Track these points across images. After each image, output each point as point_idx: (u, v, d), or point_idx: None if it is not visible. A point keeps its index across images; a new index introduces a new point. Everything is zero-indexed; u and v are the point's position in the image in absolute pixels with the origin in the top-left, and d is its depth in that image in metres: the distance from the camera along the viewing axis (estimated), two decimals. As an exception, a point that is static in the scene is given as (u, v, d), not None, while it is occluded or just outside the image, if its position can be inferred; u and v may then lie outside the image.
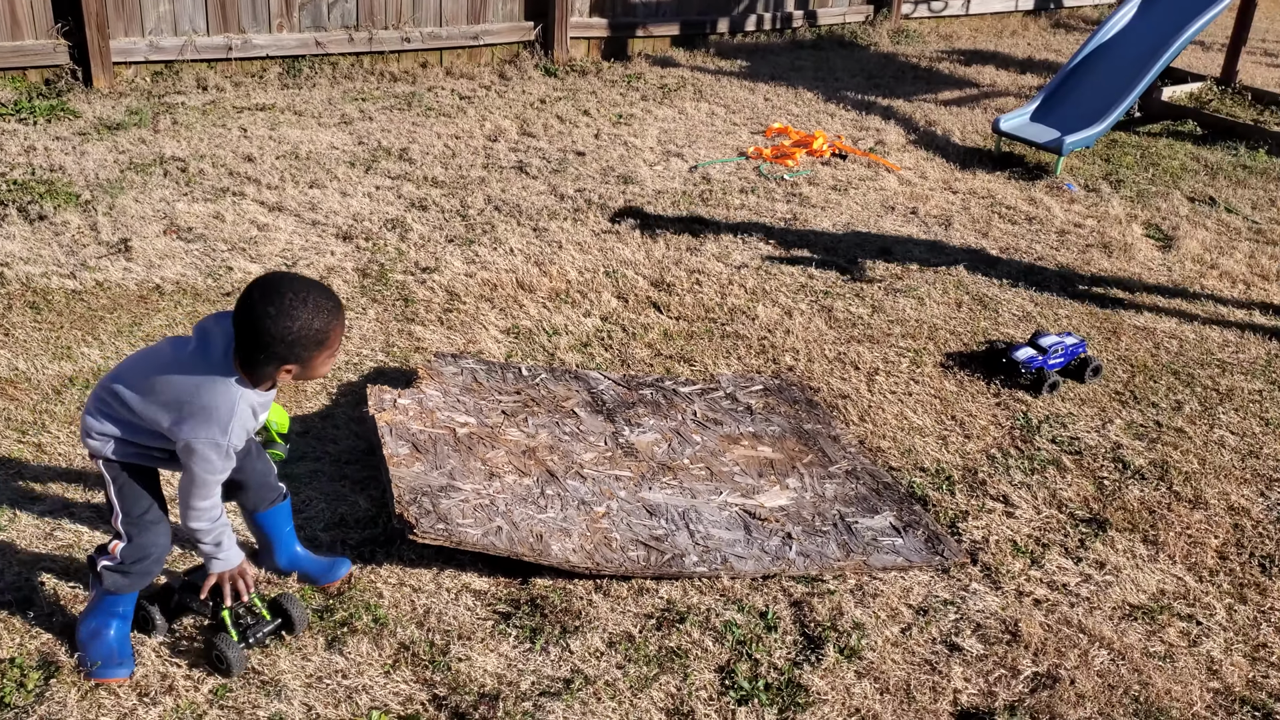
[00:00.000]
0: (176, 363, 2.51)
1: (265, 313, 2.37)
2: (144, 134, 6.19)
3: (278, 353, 2.41)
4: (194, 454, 2.45)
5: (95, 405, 2.60)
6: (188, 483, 2.51)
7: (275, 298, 2.38)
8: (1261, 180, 6.87)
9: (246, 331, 2.40)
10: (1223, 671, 3.01)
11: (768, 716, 2.72)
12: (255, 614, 2.70)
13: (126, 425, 2.56)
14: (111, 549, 2.63)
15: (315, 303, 2.41)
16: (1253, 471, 3.94)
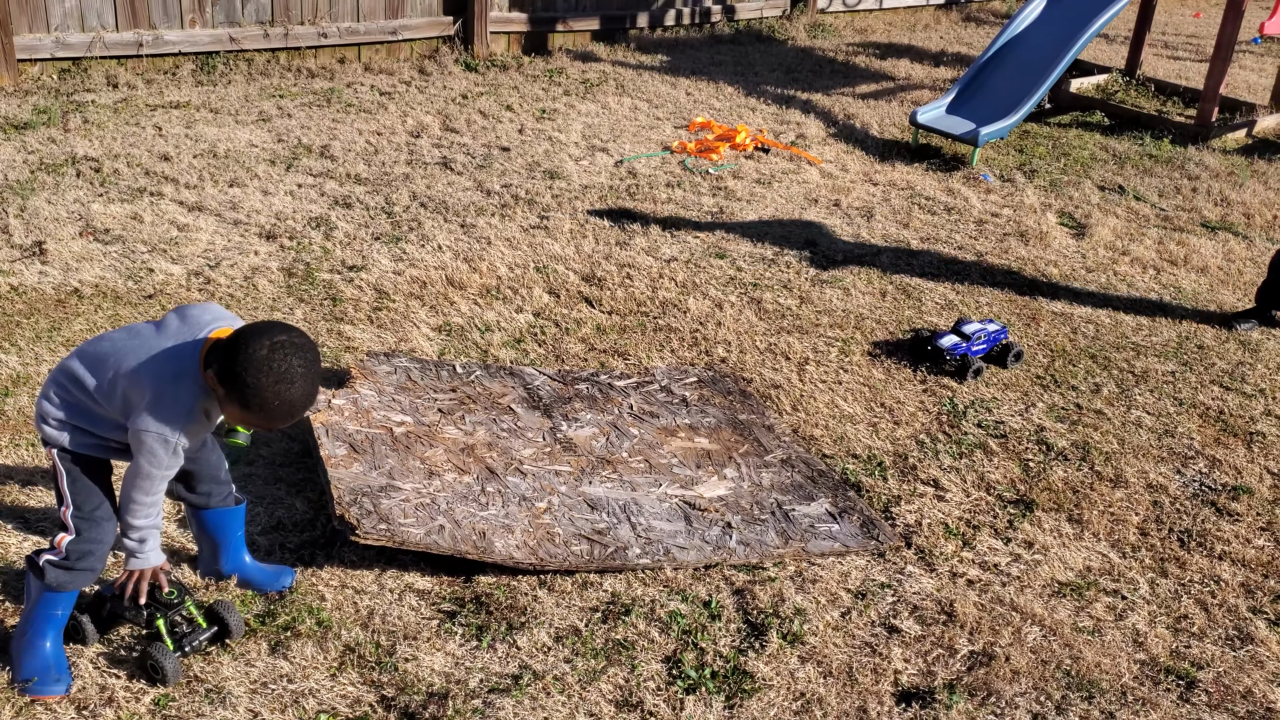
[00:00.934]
0: (144, 348, 2.46)
1: (258, 376, 2.32)
2: (53, 133, 6.01)
3: (251, 405, 2.36)
4: (142, 445, 2.41)
5: (52, 389, 2.54)
6: (133, 474, 2.47)
7: (274, 366, 2.32)
8: (1167, 169, 7.11)
9: (231, 371, 2.34)
10: (1148, 643, 3.12)
11: (715, 704, 2.76)
12: (191, 621, 2.66)
13: (83, 412, 2.51)
14: (57, 543, 2.57)
15: (305, 390, 2.37)
16: (1168, 450, 4.08)
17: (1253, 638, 3.17)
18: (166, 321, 2.52)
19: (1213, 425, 4.27)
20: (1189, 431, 4.21)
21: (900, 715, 2.78)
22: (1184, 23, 12.31)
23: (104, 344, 2.54)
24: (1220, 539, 3.60)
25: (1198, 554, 3.52)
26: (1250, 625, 3.22)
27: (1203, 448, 4.11)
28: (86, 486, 2.58)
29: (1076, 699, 2.88)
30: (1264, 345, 4.94)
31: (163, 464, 2.45)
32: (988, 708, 2.83)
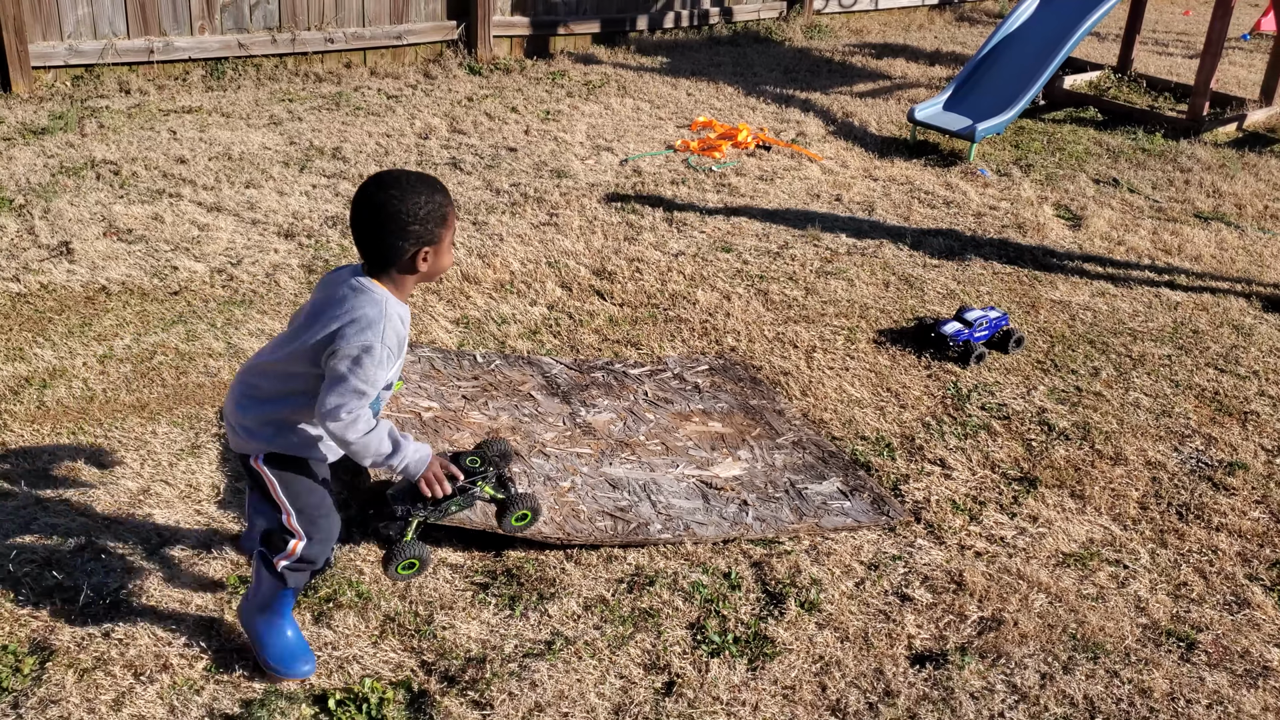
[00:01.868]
0: (308, 314, 2.46)
1: (392, 196, 2.35)
2: (71, 138, 6.14)
3: (414, 233, 2.36)
4: (351, 363, 2.35)
5: (239, 397, 2.53)
6: (342, 418, 2.39)
7: (394, 183, 2.37)
8: (1159, 162, 7.27)
9: (378, 224, 2.35)
10: (1149, 608, 3.26)
11: (739, 666, 2.89)
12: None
13: (274, 402, 2.48)
14: (290, 550, 2.57)
15: (428, 181, 2.41)
16: (1166, 429, 4.22)
17: (1249, 602, 3.31)
18: (315, 291, 2.54)
19: (1208, 405, 4.41)
20: (1185, 411, 4.35)
21: (915, 675, 2.92)
22: (1174, 20, 12.48)
23: (272, 341, 2.58)
24: (1217, 511, 3.74)
25: (1196, 526, 3.66)
26: (1247, 591, 3.36)
27: (1199, 426, 4.25)
28: (303, 485, 2.55)
29: (1082, 659, 3.02)
30: (1257, 329, 5.09)
31: (370, 378, 2.36)
32: (998, 668, 2.96)
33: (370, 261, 2.46)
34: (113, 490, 3.31)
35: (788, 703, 2.80)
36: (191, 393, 3.88)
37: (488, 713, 2.66)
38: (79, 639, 2.75)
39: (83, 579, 2.94)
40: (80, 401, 3.77)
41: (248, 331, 4.33)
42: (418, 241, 2.41)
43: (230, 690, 2.66)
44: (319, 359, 2.42)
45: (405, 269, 2.45)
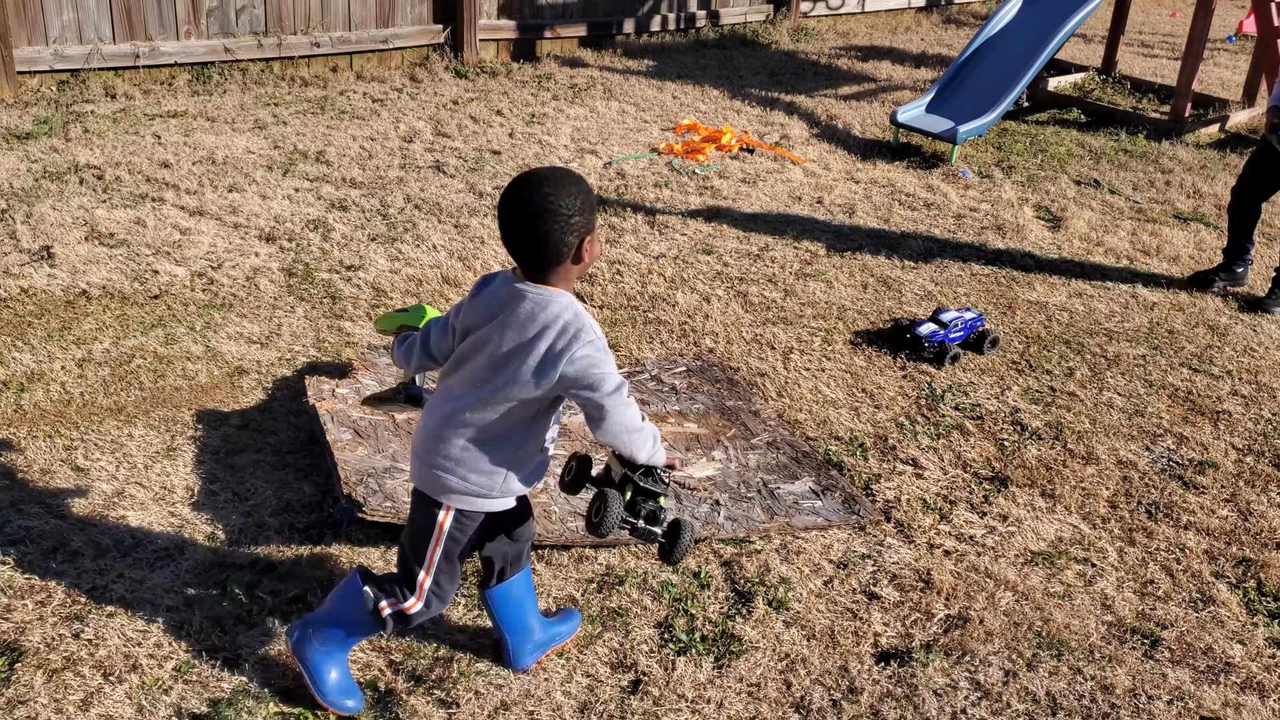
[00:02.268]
0: (501, 347, 2.38)
1: (548, 195, 2.30)
2: (55, 142, 6.17)
3: (575, 225, 2.32)
4: (599, 375, 2.35)
5: (459, 449, 2.44)
6: (612, 418, 2.40)
7: (545, 181, 2.32)
8: (1141, 163, 7.31)
9: (543, 224, 2.30)
10: (1115, 606, 3.29)
11: (705, 665, 2.92)
12: (655, 515, 2.55)
13: (507, 439, 2.44)
14: (405, 608, 2.55)
15: (568, 173, 2.38)
16: (1138, 428, 4.26)
17: (1214, 599, 3.34)
18: (467, 311, 2.46)
19: (1181, 405, 4.45)
20: (1158, 411, 4.39)
21: (880, 673, 2.95)
22: (1161, 22, 12.54)
23: (463, 386, 2.45)
24: (1186, 510, 3.77)
25: (1165, 524, 3.70)
26: (1212, 589, 3.39)
27: (1171, 426, 4.29)
28: (454, 566, 2.55)
29: (1046, 656, 3.05)
30: (1232, 329, 5.12)
31: (611, 363, 2.38)
32: (962, 665, 2.99)
33: (535, 264, 2.38)
34: (87, 493, 3.34)
35: (752, 700, 2.83)
36: (169, 396, 3.91)
37: (454, 711, 2.69)
38: (49, 640, 2.77)
39: (54, 581, 2.97)
40: (57, 405, 3.80)
41: (226, 335, 4.36)
42: (580, 232, 2.36)
43: (199, 690, 2.68)
44: (540, 382, 2.37)
45: (574, 262, 2.40)
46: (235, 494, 3.41)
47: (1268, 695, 2.98)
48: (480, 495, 2.49)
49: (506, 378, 2.39)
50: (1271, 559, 3.54)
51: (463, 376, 2.46)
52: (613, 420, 2.43)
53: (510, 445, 2.47)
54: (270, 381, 4.07)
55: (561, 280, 2.41)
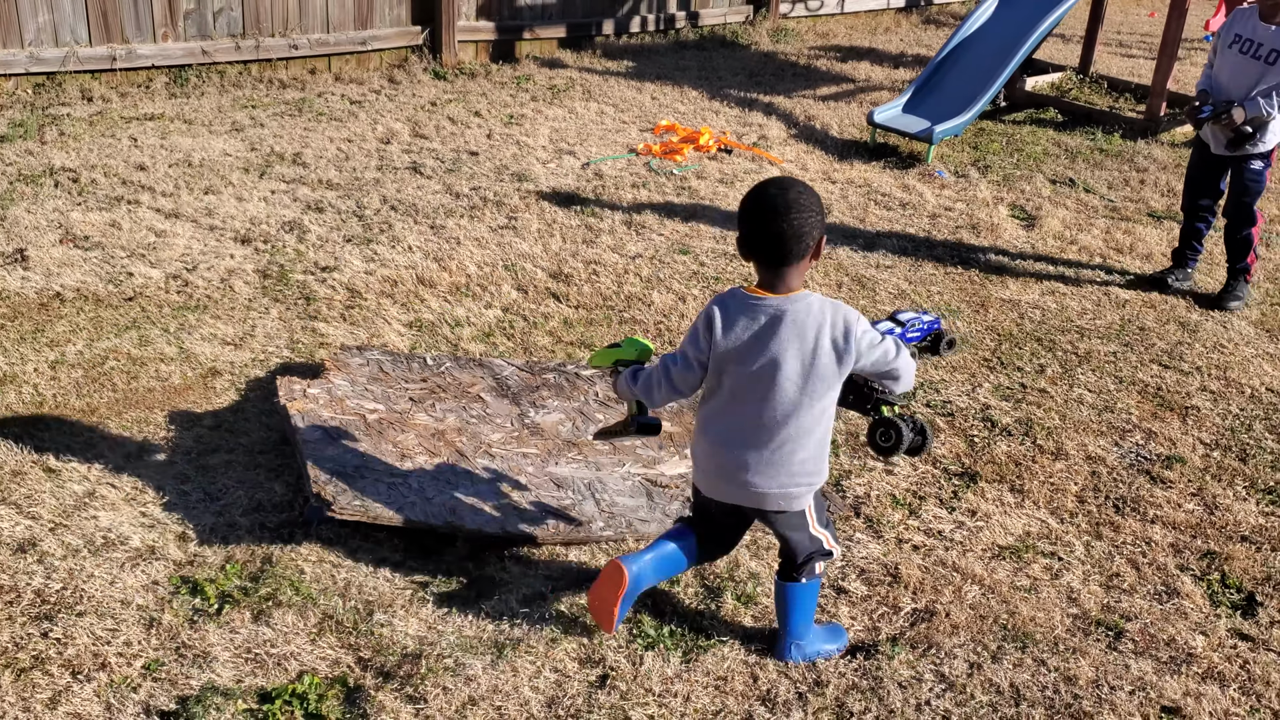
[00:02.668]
0: (789, 365, 2.65)
1: (799, 197, 2.59)
2: (30, 145, 6.16)
3: (819, 222, 2.62)
4: (870, 337, 2.69)
5: (791, 471, 2.75)
6: (905, 375, 2.81)
7: (790, 186, 2.61)
8: (1116, 162, 7.37)
9: (801, 224, 2.57)
10: (1080, 599, 3.33)
11: (673, 659, 2.94)
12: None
13: (820, 439, 2.76)
14: (820, 569, 2.94)
15: (792, 177, 2.79)
16: (1108, 424, 4.30)
17: (1179, 592, 3.38)
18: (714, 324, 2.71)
19: (1150, 401, 4.49)
20: (1128, 407, 4.43)
21: (845, 665, 2.98)
22: (1139, 22, 12.62)
23: (773, 410, 2.71)
24: (1153, 504, 3.81)
25: (1131, 518, 3.74)
26: (1177, 581, 3.43)
27: (1140, 421, 4.33)
28: (822, 504, 2.94)
29: (1011, 649, 3.09)
30: (1202, 326, 5.17)
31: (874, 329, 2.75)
32: (928, 658, 3.03)
33: (782, 259, 2.61)
34: (58, 493, 3.34)
35: (719, 693, 2.85)
36: (142, 397, 3.92)
37: (422, 707, 2.71)
38: (17, 639, 2.78)
39: (24, 580, 2.98)
40: (30, 407, 3.80)
41: (200, 337, 4.37)
42: (821, 229, 2.64)
43: (167, 688, 2.70)
44: (841, 371, 2.70)
45: (814, 255, 2.66)
46: (207, 494, 3.42)
47: (1228, 685, 3.02)
48: (818, 481, 2.83)
49: (814, 385, 2.68)
50: (1235, 551, 3.58)
51: (762, 404, 2.70)
52: (905, 375, 2.82)
53: (826, 431, 2.79)
54: (243, 382, 4.08)
55: (797, 276, 2.67)
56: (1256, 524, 3.74)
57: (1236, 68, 5.07)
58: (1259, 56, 4.99)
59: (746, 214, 2.64)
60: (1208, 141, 5.29)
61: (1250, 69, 5.01)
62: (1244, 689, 3.01)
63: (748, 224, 2.64)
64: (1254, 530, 3.71)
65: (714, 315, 2.69)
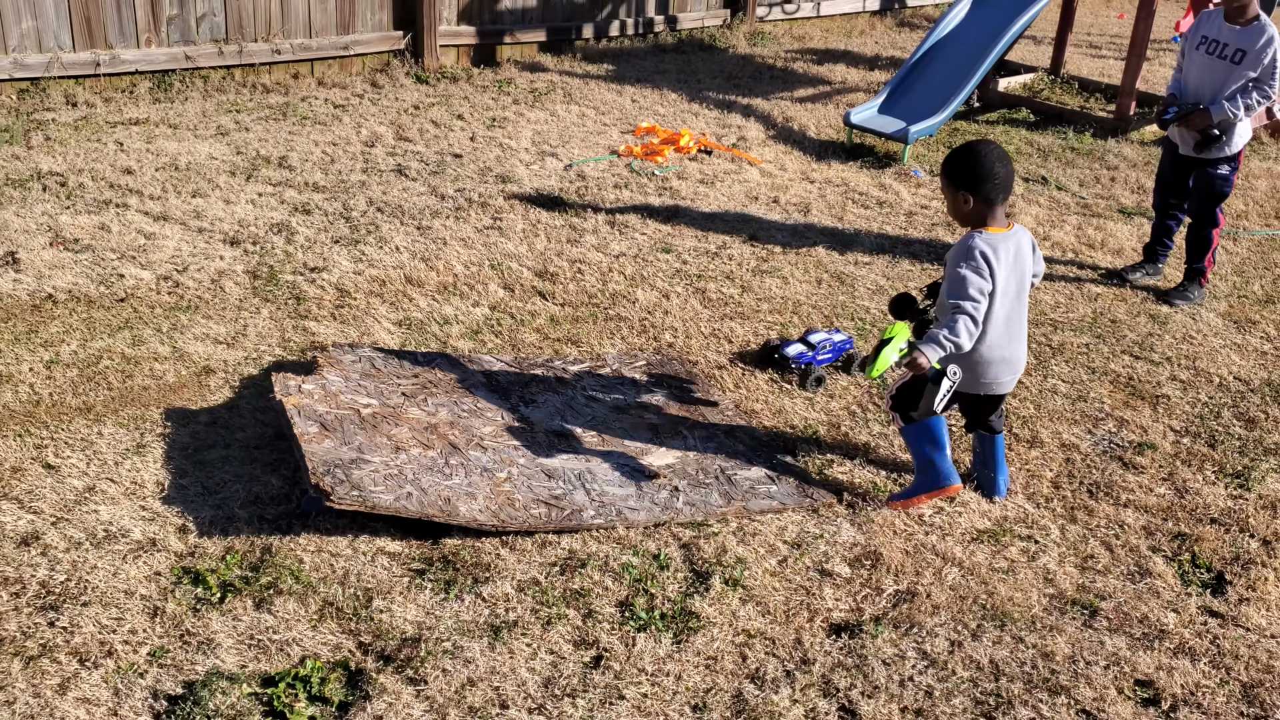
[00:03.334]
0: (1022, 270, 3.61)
1: (990, 152, 3.48)
2: (17, 150, 6.20)
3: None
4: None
5: (1021, 355, 3.71)
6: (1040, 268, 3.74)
7: (989, 145, 3.51)
8: (1087, 160, 7.52)
9: (992, 176, 3.46)
10: (1057, 579, 3.44)
11: (664, 640, 3.04)
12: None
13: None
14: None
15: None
16: (1081, 413, 4.42)
17: (1151, 572, 3.50)
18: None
19: (1122, 390, 4.62)
20: (1100, 396, 4.56)
21: (831, 644, 3.08)
22: (1109, 23, 12.82)
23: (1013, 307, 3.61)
24: (1125, 489, 3.94)
25: (1105, 503, 3.86)
26: (1149, 562, 3.55)
27: (1112, 410, 4.46)
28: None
29: (990, 627, 3.20)
30: (1172, 318, 5.31)
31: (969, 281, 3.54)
32: (910, 637, 3.13)
33: (1004, 201, 3.53)
34: (59, 489, 3.41)
35: (709, 672, 2.95)
36: (137, 395, 3.99)
37: (422, 688, 2.79)
38: (25, 628, 2.85)
39: (28, 572, 3.04)
40: (27, 405, 3.86)
41: (193, 336, 4.44)
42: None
43: (173, 673, 2.77)
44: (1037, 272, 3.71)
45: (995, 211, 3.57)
46: (205, 488, 3.49)
47: (1199, 659, 3.14)
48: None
49: (1027, 286, 3.64)
50: (1205, 533, 3.70)
51: (1019, 308, 3.60)
52: (1040, 269, 3.73)
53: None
54: (237, 380, 4.15)
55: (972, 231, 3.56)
56: (1225, 506, 3.87)
57: (1204, 69, 5.21)
58: (1225, 56, 5.14)
59: (993, 163, 3.45)
60: (1176, 142, 5.43)
61: (1217, 69, 5.16)
62: (1214, 663, 3.13)
63: (999, 170, 3.45)
64: (1222, 513, 3.83)
65: (988, 253, 3.45)
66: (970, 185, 3.47)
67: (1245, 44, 5.08)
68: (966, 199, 3.50)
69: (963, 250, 3.48)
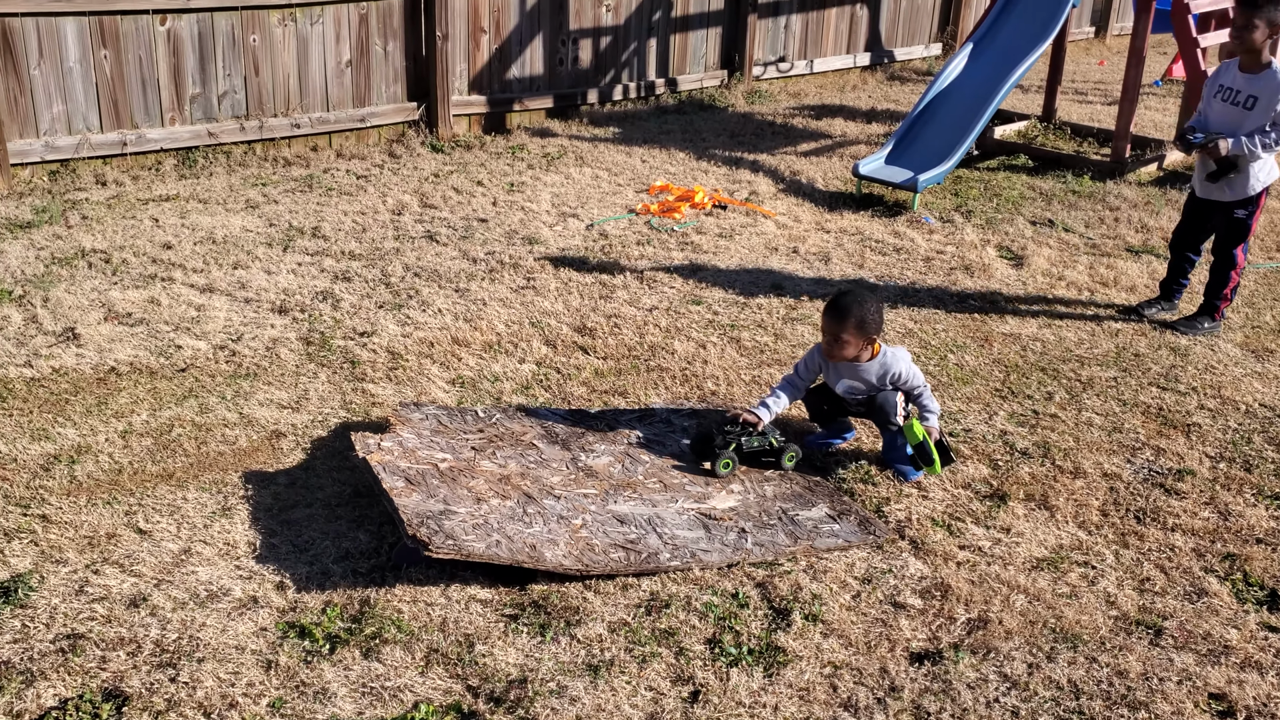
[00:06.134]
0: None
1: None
2: (57, 230, 6.35)
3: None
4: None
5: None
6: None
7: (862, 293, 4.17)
8: (1090, 202, 7.77)
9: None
10: (1119, 602, 3.58)
11: (756, 674, 3.15)
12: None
13: None
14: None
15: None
16: (1118, 443, 4.59)
17: (1207, 591, 3.65)
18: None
19: (1154, 420, 4.79)
20: (1134, 427, 4.72)
21: (915, 671, 3.20)
22: (1090, 70, 13.21)
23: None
24: (1171, 514, 4.09)
25: (1153, 527, 4.01)
26: (1204, 582, 3.70)
27: (1148, 439, 4.62)
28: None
29: (1063, 649, 3.33)
30: (1192, 350, 5.50)
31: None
32: (989, 661, 3.26)
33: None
34: (155, 552, 3.52)
35: (804, 703, 3.06)
36: (214, 460, 4.10)
37: (534, 727, 2.90)
38: (148, 685, 2.95)
39: (141, 632, 3.14)
40: (109, 474, 3.97)
41: (257, 402, 4.56)
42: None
43: (294, 723, 2.87)
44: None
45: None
46: (295, 545, 3.60)
47: (1266, 672, 3.27)
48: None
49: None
50: (1253, 553, 3.85)
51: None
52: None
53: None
54: (308, 442, 4.28)
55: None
56: (1269, 527, 4.02)
57: (1223, 115, 5.50)
58: (1238, 103, 5.42)
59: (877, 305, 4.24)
60: (1194, 187, 5.69)
61: (1235, 115, 5.44)
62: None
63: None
64: (1268, 533, 3.99)
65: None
66: (879, 328, 4.20)
67: (1257, 91, 5.36)
68: (874, 342, 4.21)
69: (900, 359, 4.24)
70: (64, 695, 2.91)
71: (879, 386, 4.23)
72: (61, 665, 3.01)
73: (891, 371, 4.20)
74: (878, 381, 4.22)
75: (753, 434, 4.20)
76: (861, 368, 4.22)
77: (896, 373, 4.20)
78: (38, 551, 3.51)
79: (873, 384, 4.23)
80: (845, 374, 4.26)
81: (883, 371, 4.21)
